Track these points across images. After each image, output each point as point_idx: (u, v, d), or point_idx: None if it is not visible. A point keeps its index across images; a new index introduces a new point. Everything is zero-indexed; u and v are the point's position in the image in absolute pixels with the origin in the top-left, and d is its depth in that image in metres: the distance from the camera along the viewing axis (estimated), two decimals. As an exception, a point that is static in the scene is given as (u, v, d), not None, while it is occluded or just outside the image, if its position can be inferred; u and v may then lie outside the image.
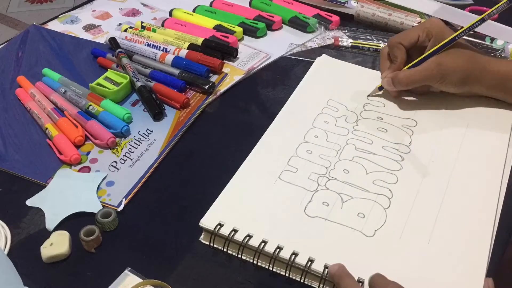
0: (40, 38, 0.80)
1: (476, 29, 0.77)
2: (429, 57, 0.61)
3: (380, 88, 0.65)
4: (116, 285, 0.46)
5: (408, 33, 0.64)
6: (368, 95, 0.65)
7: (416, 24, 0.78)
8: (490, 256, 0.47)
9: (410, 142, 0.59)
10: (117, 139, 0.62)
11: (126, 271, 0.47)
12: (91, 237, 0.49)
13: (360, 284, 0.44)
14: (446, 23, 0.79)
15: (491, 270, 0.47)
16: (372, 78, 0.69)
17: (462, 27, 0.60)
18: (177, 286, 0.46)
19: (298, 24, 0.82)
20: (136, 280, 0.46)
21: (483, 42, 0.75)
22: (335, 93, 0.66)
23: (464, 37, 0.75)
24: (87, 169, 0.59)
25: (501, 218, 0.51)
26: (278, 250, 0.47)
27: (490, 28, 0.78)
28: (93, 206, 0.53)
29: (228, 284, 0.47)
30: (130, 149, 0.61)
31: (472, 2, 0.87)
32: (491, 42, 0.74)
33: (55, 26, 0.84)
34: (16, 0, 2.49)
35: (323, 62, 0.73)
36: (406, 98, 0.65)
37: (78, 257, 0.50)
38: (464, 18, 0.81)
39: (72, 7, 0.91)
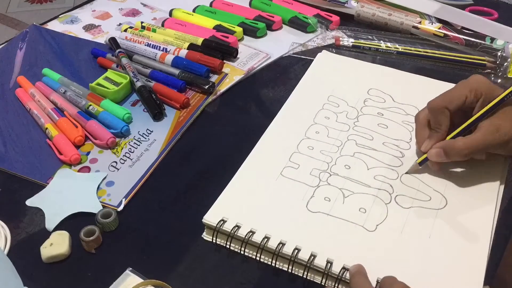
0: (40, 38, 0.80)
1: (476, 29, 0.78)
2: (478, 120, 0.51)
3: (422, 162, 0.54)
4: (117, 285, 0.46)
5: (453, 94, 0.53)
6: (407, 172, 0.55)
7: (417, 27, 0.78)
8: (490, 249, 0.48)
9: (410, 138, 0.59)
10: (117, 139, 0.62)
11: (127, 271, 0.47)
12: (91, 238, 0.49)
13: (376, 284, 0.44)
14: (446, 23, 0.80)
15: (491, 263, 0.47)
16: (372, 72, 0.69)
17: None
18: (178, 286, 0.46)
19: (298, 24, 0.82)
20: (137, 280, 0.46)
21: (483, 42, 0.75)
22: (335, 89, 0.67)
23: (464, 37, 0.76)
24: (87, 169, 0.59)
25: (501, 212, 0.51)
26: (280, 245, 0.47)
27: (490, 28, 0.78)
28: (93, 206, 0.53)
29: (229, 284, 0.47)
30: (130, 149, 0.61)
31: (472, 2, 0.87)
32: (491, 42, 0.74)
33: (55, 26, 0.84)
34: (16, 0, 2.49)
35: (323, 57, 0.73)
36: (403, 95, 0.65)
37: (78, 257, 0.49)
38: (464, 18, 0.81)
39: (72, 7, 0.90)
